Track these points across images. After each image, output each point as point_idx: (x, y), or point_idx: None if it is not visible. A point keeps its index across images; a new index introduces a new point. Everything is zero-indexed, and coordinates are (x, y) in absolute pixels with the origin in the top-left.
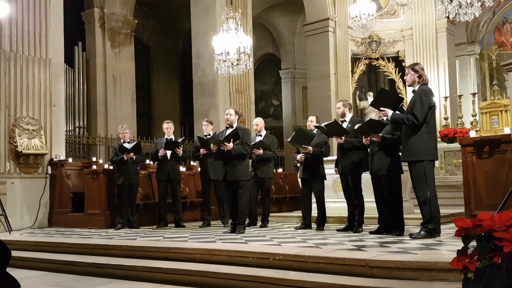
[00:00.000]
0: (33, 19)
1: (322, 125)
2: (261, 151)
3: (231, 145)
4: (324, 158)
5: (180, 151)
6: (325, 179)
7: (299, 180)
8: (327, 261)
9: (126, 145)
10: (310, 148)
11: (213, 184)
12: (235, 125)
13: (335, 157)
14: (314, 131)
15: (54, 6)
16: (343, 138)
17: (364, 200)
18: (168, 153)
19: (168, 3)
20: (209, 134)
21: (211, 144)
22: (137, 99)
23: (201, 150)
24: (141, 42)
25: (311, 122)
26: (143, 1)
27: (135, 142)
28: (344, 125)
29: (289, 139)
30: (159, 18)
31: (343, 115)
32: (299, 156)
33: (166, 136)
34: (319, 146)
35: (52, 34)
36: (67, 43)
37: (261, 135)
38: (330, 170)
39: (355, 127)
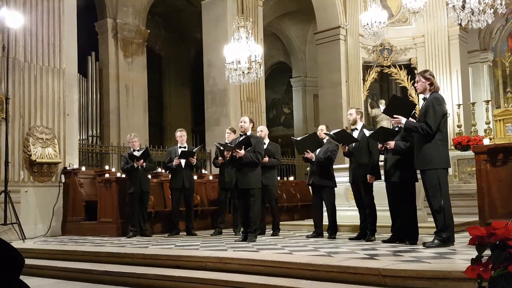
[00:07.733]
0: (47, 30)
1: (331, 133)
2: (266, 159)
3: (242, 151)
4: (336, 167)
5: (194, 160)
6: (335, 186)
7: (309, 187)
8: (340, 270)
9: (136, 153)
10: (312, 154)
11: (230, 192)
12: (249, 133)
13: (346, 165)
14: (325, 140)
15: (68, 16)
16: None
17: (377, 208)
18: (183, 161)
19: (180, 13)
20: (230, 142)
21: (225, 151)
22: (149, 108)
23: (219, 158)
24: (153, 51)
25: (321, 130)
26: (155, 11)
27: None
28: (355, 133)
29: (298, 138)
30: (171, 28)
31: (354, 122)
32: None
33: (179, 144)
34: (325, 153)
35: (66, 44)
36: (80, 53)
37: (265, 143)
38: (342, 178)
39: (368, 135)
